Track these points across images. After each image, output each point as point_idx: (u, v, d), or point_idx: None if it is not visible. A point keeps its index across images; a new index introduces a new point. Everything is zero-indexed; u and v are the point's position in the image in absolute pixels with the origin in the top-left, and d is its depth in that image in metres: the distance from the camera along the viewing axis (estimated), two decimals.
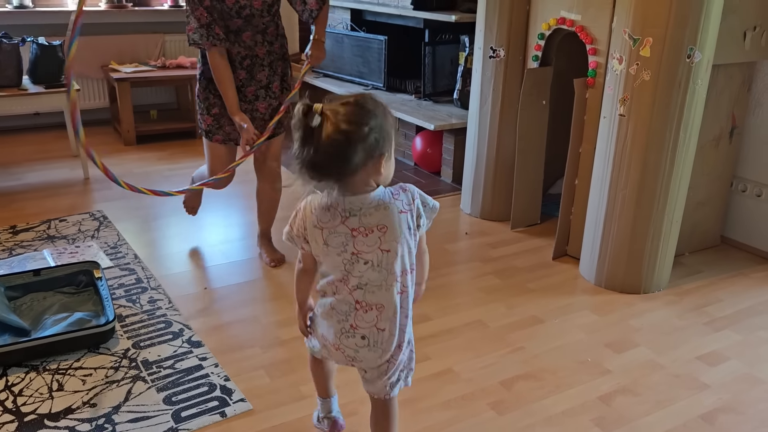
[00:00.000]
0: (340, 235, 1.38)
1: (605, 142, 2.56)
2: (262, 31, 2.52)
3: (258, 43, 2.52)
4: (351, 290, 1.42)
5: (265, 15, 2.49)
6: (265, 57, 2.56)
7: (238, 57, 2.51)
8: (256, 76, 2.56)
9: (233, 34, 2.48)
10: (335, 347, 1.49)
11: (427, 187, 3.80)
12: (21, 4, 4.42)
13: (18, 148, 4.33)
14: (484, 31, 3.09)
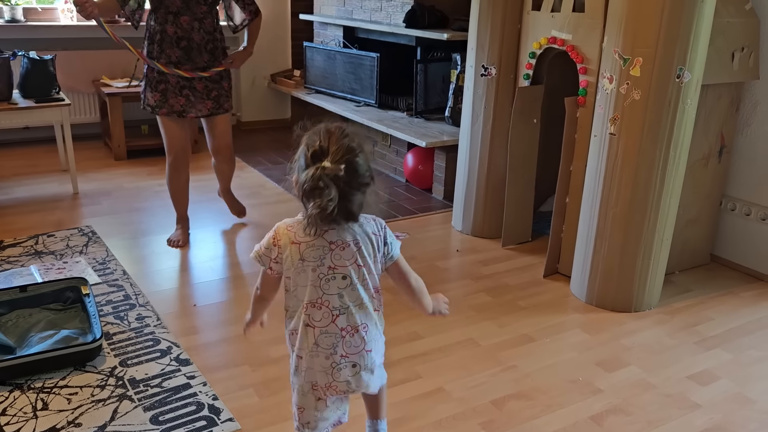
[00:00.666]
0: (317, 249, 1.40)
1: (596, 160, 2.57)
2: (200, 19, 2.82)
3: (195, 29, 2.81)
4: (333, 317, 1.42)
5: (202, 4, 2.81)
6: (203, 44, 2.85)
7: (175, 36, 2.80)
8: (195, 59, 2.84)
9: (172, 15, 2.78)
10: (327, 387, 1.47)
11: (418, 203, 3.80)
12: (13, 18, 4.41)
13: (6, 162, 4.29)
14: (476, 49, 3.11)
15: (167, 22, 2.78)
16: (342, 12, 4.76)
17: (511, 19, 2.98)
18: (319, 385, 1.47)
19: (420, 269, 2.94)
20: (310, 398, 1.50)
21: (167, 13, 2.77)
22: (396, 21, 4.15)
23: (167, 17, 2.77)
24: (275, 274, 1.46)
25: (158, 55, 2.82)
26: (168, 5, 2.75)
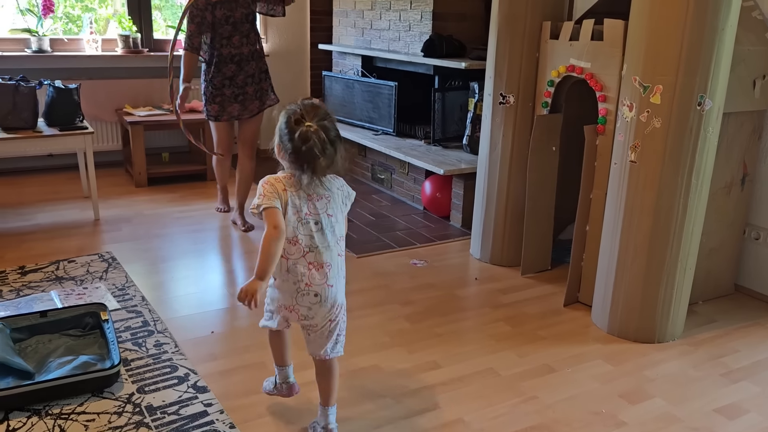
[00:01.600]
0: (299, 198, 1.74)
1: (616, 188, 2.55)
2: (246, 35, 3.46)
3: (243, 44, 3.45)
4: (303, 253, 1.74)
5: (245, 22, 3.44)
6: (250, 54, 3.48)
7: (229, 55, 3.43)
8: (245, 68, 3.48)
9: (225, 39, 3.40)
10: (290, 309, 1.80)
11: (436, 231, 3.79)
12: (40, 48, 4.52)
13: (30, 188, 4.36)
14: (493, 77, 3.12)
15: (222, 45, 3.41)
16: (361, 42, 4.82)
17: (530, 47, 2.99)
18: (286, 306, 1.81)
19: (438, 298, 2.93)
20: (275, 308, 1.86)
21: (221, 38, 3.41)
22: (414, 50, 4.19)
23: (222, 41, 3.41)
24: (279, 210, 1.71)
25: (215, 74, 3.44)
26: (221, 32, 3.40)
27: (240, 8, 3.42)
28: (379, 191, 4.57)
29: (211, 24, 3.38)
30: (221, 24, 3.39)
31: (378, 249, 3.48)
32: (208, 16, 3.37)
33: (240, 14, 3.42)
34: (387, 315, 2.74)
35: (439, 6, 4.01)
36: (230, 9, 3.39)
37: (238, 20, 3.42)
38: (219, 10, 3.38)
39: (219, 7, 3.37)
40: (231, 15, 3.40)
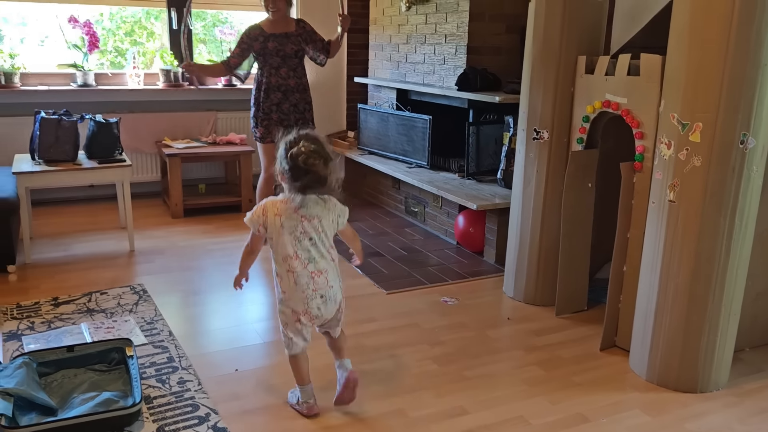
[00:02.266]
0: (293, 220, 2.10)
1: (655, 228, 2.44)
2: (294, 68, 3.79)
3: (290, 77, 3.78)
4: (305, 265, 2.11)
5: (294, 57, 3.78)
6: (296, 87, 3.80)
7: (276, 84, 3.76)
8: (290, 98, 3.79)
9: (274, 69, 3.75)
10: (304, 312, 2.14)
11: (468, 267, 3.70)
12: (85, 82, 4.66)
13: (70, 218, 4.46)
14: (527, 112, 3.06)
15: (271, 74, 3.75)
16: (396, 75, 4.82)
17: (564, 82, 2.93)
18: (298, 311, 2.14)
19: (469, 338, 2.84)
20: (292, 322, 2.17)
21: (271, 68, 3.75)
22: (448, 84, 4.17)
23: (271, 71, 3.75)
24: (261, 235, 2.14)
25: (264, 100, 3.76)
26: (271, 63, 3.74)
27: (291, 44, 3.76)
28: (413, 224, 4.52)
29: (262, 54, 3.73)
30: (272, 55, 3.72)
31: (409, 285, 3.41)
32: (255, 45, 3.71)
33: (290, 49, 3.75)
34: (415, 356, 2.67)
35: (473, 40, 3.98)
36: (282, 44, 3.73)
37: (288, 54, 3.75)
38: (272, 43, 3.71)
39: (272, 40, 3.72)
40: (282, 49, 3.73)
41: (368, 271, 3.59)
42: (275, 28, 3.74)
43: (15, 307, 3.01)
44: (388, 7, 4.83)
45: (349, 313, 3.04)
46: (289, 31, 3.77)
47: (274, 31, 3.73)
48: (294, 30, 3.79)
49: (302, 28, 3.83)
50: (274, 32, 3.72)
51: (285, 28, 3.76)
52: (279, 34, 3.72)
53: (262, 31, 3.72)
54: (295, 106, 3.81)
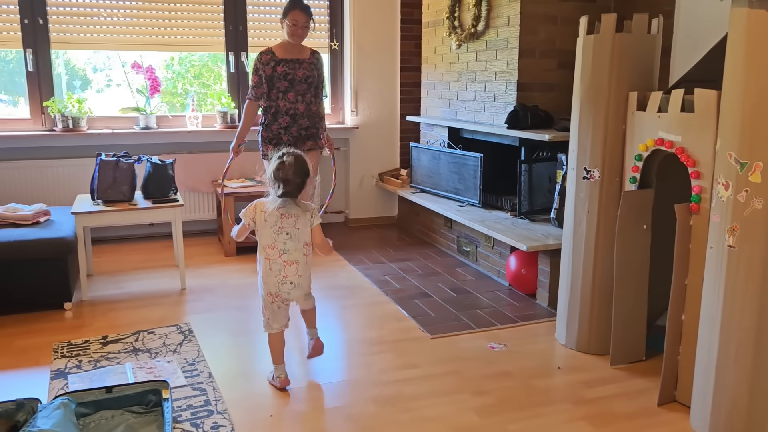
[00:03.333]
0: (274, 216, 2.58)
1: (714, 275, 2.26)
2: (302, 94, 3.79)
3: (299, 101, 3.79)
4: (279, 254, 2.59)
5: (303, 83, 3.78)
6: (305, 112, 3.80)
7: (284, 108, 3.77)
8: (299, 122, 3.80)
9: (282, 93, 3.76)
10: (275, 295, 2.63)
11: (520, 311, 3.55)
12: (147, 125, 4.85)
13: (129, 256, 4.59)
14: (577, 151, 2.94)
15: (279, 98, 3.76)
16: (447, 113, 4.78)
17: (615, 119, 2.80)
18: (272, 293, 2.62)
19: (514, 388, 2.70)
20: (269, 304, 2.65)
21: (278, 91, 3.76)
22: (499, 121, 4.08)
23: (278, 94, 3.76)
24: (249, 227, 2.65)
25: (272, 122, 3.79)
26: (278, 86, 3.75)
27: (303, 70, 3.77)
28: (464, 264, 4.41)
29: (271, 79, 3.73)
30: (280, 79, 3.74)
31: (455, 329, 3.30)
32: (266, 69, 3.72)
33: (301, 74, 3.76)
34: (456, 406, 2.55)
35: (523, 77, 3.90)
36: (292, 68, 3.75)
37: (298, 79, 3.75)
38: (281, 67, 3.73)
39: (282, 65, 3.73)
40: (291, 73, 3.74)
41: (414, 313, 3.50)
42: (287, 54, 3.75)
43: (66, 344, 3.09)
44: (439, 45, 4.82)
45: (391, 358, 2.96)
46: (302, 58, 3.77)
47: (285, 56, 3.74)
48: (308, 57, 3.80)
49: (316, 59, 3.85)
50: (285, 57, 3.74)
51: (298, 54, 3.77)
52: (290, 59, 3.74)
53: (273, 55, 3.73)
54: (305, 129, 3.81)
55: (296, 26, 3.66)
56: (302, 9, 3.66)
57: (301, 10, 3.66)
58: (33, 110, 4.72)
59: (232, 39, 5.06)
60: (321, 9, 5.27)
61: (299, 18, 3.66)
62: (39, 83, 4.69)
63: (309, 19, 3.70)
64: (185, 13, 4.91)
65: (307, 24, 3.69)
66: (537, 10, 3.86)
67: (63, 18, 4.66)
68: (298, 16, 3.65)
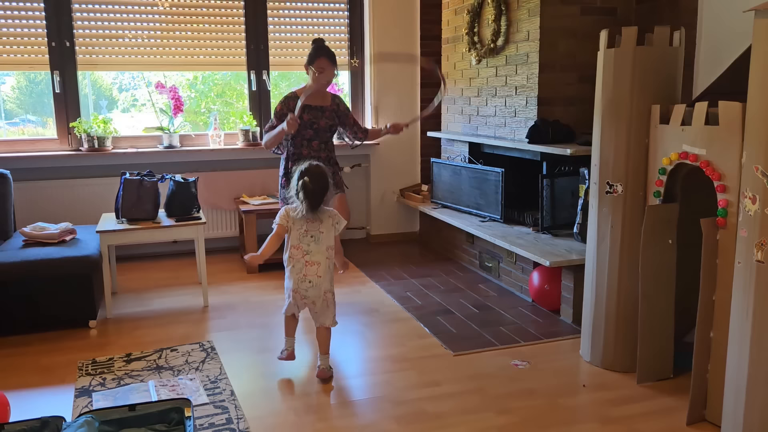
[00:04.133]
0: (301, 221, 2.87)
1: (742, 291, 2.21)
2: (325, 142, 3.83)
3: (321, 149, 3.81)
4: (303, 255, 2.86)
5: (328, 132, 3.82)
6: (326, 160, 3.77)
7: (307, 155, 3.71)
8: None
9: (306, 141, 3.76)
10: (295, 291, 2.88)
11: (544, 328, 3.51)
12: (170, 144, 4.91)
13: (154, 273, 4.64)
14: (599, 165, 2.91)
15: (303, 146, 3.76)
16: (468, 128, 4.77)
17: (637, 133, 2.77)
18: (292, 289, 2.89)
19: (538, 407, 2.66)
20: (290, 295, 2.91)
21: (303, 139, 3.76)
22: (520, 136, 4.07)
23: (303, 142, 3.76)
24: (286, 227, 2.89)
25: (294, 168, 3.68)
26: (303, 134, 3.75)
27: (326, 119, 3.78)
28: (487, 280, 4.37)
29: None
30: (305, 127, 3.71)
31: (478, 346, 3.26)
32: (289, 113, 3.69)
33: (324, 123, 3.77)
34: (478, 425, 2.51)
35: (544, 91, 3.88)
36: (316, 117, 3.74)
37: (322, 128, 3.76)
38: (306, 114, 3.70)
39: (307, 112, 3.71)
40: (316, 122, 3.73)
41: (436, 330, 3.48)
42: (312, 100, 3.73)
43: (90, 362, 3.11)
44: (459, 60, 4.82)
45: (413, 376, 2.94)
46: (325, 105, 3.78)
47: (310, 102, 3.72)
48: (329, 105, 3.80)
49: (336, 105, 3.84)
50: (309, 103, 3.71)
51: (321, 101, 3.77)
52: (315, 106, 3.73)
53: (298, 100, 3.68)
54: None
55: (323, 73, 3.66)
56: (328, 57, 3.66)
57: (327, 58, 3.65)
58: (60, 131, 4.82)
59: (253, 58, 5.12)
60: (341, 27, 5.32)
61: (325, 65, 3.65)
62: (66, 104, 4.79)
63: (335, 67, 3.70)
64: (208, 33, 4.99)
65: (332, 71, 3.70)
66: (556, 24, 3.85)
67: (89, 40, 4.77)
68: (324, 63, 3.65)
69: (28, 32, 4.63)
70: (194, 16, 4.94)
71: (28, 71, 4.83)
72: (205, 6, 4.95)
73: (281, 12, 5.15)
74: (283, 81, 5.47)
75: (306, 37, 5.23)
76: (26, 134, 4.93)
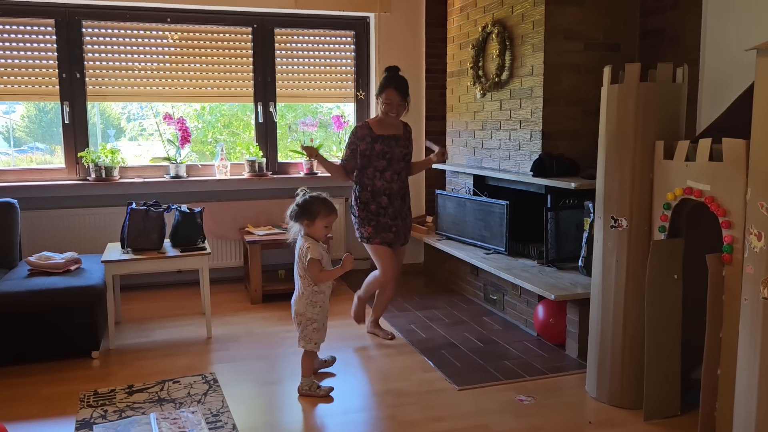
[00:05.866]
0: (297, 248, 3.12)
1: (749, 328, 2.20)
2: (398, 172, 3.66)
3: (394, 180, 3.64)
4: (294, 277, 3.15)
5: (401, 161, 3.66)
6: (399, 191, 3.67)
7: (381, 187, 3.61)
8: (394, 203, 3.65)
9: (379, 172, 3.61)
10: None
11: (549, 362, 3.47)
12: (177, 174, 4.95)
13: (157, 303, 4.63)
14: (603, 199, 2.92)
15: (376, 177, 3.61)
16: (472, 161, 4.80)
17: (641, 168, 2.78)
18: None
19: None
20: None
21: (376, 170, 3.60)
22: (524, 169, 4.08)
23: (376, 174, 3.61)
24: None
25: (370, 201, 3.62)
26: (376, 165, 3.60)
27: (400, 147, 3.64)
28: (491, 313, 4.35)
29: (368, 155, 3.58)
30: (378, 158, 3.58)
31: (482, 381, 3.23)
32: (361, 145, 3.57)
33: (398, 153, 3.63)
34: None
35: (548, 125, 3.91)
36: (389, 146, 3.60)
37: (395, 158, 3.62)
38: (379, 145, 3.58)
39: (380, 142, 3.58)
40: (389, 152, 3.60)
41: (440, 363, 3.45)
42: (384, 130, 3.60)
43: (92, 394, 3.09)
44: (464, 94, 4.87)
45: (415, 411, 2.90)
46: (398, 134, 3.64)
47: (382, 132, 3.60)
48: (402, 133, 3.67)
49: (408, 132, 3.73)
50: (382, 134, 3.59)
51: (394, 130, 3.64)
52: (387, 136, 3.60)
53: (370, 131, 3.58)
54: (400, 211, 3.67)
55: (390, 105, 3.54)
56: (397, 88, 3.52)
57: (395, 89, 3.52)
58: (68, 160, 4.86)
59: (260, 90, 5.19)
60: (348, 60, 5.39)
61: (393, 97, 3.53)
62: (75, 134, 4.85)
63: (404, 97, 3.55)
64: (216, 66, 5.06)
65: (402, 102, 3.56)
66: (561, 59, 3.90)
67: (99, 72, 4.84)
68: (392, 95, 3.53)
69: (40, 63, 4.71)
70: (203, 49, 5.03)
71: (39, 101, 4.89)
72: (214, 39, 5.04)
73: (289, 45, 5.23)
74: (290, 112, 5.53)
75: (313, 70, 5.30)
76: (35, 162, 4.98)
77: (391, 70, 3.60)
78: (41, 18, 4.67)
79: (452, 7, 5.06)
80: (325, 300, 3.11)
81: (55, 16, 4.69)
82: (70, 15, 4.72)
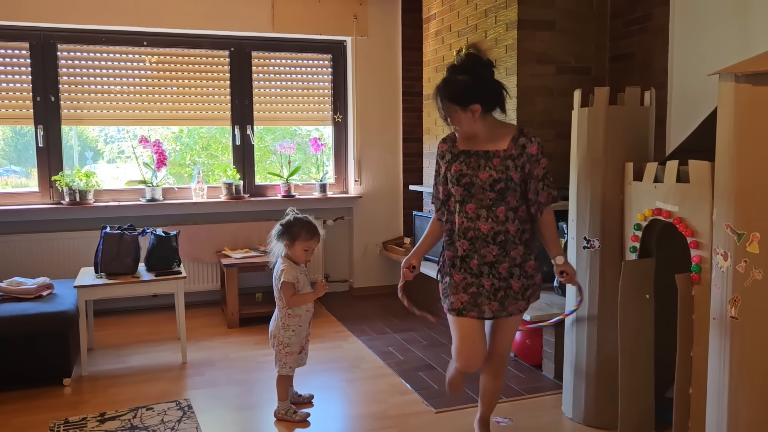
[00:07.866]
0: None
1: (718, 347, 2.22)
2: (487, 207, 2.42)
3: (481, 217, 2.43)
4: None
5: (488, 190, 2.41)
6: (491, 234, 2.43)
7: (462, 227, 2.46)
8: (481, 251, 2.45)
9: (458, 204, 2.47)
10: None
11: (526, 383, 3.48)
12: (152, 197, 4.92)
13: (132, 329, 4.56)
14: (576, 220, 2.95)
15: (456, 212, 2.50)
16: None
17: (612, 189, 2.82)
18: None
19: None
20: None
21: (455, 202, 2.50)
22: None
23: (455, 206, 2.50)
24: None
25: (448, 247, 2.55)
26: (454, 194, 2.49)
27: (489, 169, 2.42)
28: None
29: (445, 178, 2.54)
30: (454, 183, 2.47)
31: (460, 403, 3.22)
32: (442, 165, 2.56)
33: (485, 176, 2.42)
34: None
35: None
36: (471, 167, 2.45)
37: (479, 184, 2.43)
38: (457, 164, 2.48)
39: (460, 161, 2.48)
40: (469, 174, 2.44)
41: (418, 386, 3.44)
42: (470, 144, 2.48)
43: (63, 422, 3.03)
44: (440, 117, 4.91)
45: None
46: (492, 150, 2.44)
47: (467, 147, 2.49)
48: (505, 147, 2.44)
49: (522, 147, 2.44)
50: (467, 149, 2.48)
51: (487, 144, 2.46)
52: (473, 152, 2.46)
53: (452, 145, 2.53)
54: (491, 266, 2.46)
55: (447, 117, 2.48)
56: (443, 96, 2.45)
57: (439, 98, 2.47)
58: (41, 184, 4.81)
59: (238, 113, 5.20)
60: (325, 83, 5.43)
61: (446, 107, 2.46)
62: (48, 158, 4.81)
63: (456, 104, 2.41)
64: (193, 89, 5.06)
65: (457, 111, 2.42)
66: (533, 83, 3.96)
67: (74, 95, 4.82)
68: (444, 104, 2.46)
69: (14, 87, 4.67)
70: (180, 72, 5.03)
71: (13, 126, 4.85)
72: (191, 62, 5.04)
73: (266, 68, 5.26)
74: (268, 135, 5.54)
75: (290, 93, 5.33)
76: (10, 185, 4.92)
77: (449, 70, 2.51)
78: (16, 41, 4.65)
79: (428, 32, 5.13)
80: (300, 324, 3.08)
81: (30, 39, 4.68)
82: (45, 39, 4.71)
